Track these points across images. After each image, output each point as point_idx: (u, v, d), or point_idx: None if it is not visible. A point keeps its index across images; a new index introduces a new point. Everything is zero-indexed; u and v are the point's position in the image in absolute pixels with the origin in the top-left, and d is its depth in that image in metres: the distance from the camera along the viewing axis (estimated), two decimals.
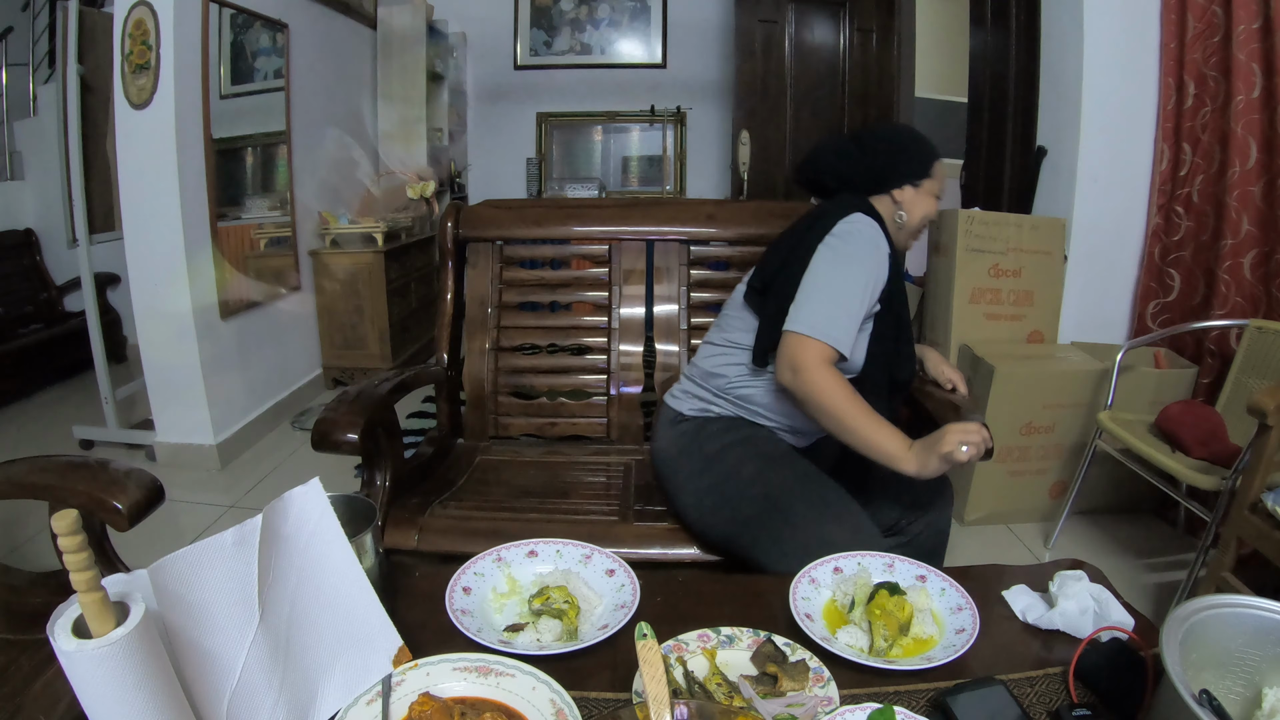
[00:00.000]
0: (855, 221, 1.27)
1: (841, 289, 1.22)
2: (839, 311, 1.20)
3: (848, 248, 1.24)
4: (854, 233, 1.26)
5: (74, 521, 0.54)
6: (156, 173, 2.40)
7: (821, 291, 1.22)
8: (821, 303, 1.21)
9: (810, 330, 1.18)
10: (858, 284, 1.22)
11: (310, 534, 0.74)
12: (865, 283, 1.23)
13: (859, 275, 1.23)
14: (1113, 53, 2.26)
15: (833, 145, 1.40)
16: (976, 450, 1.08)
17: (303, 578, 0.73)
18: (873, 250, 1.25)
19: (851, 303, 1.21)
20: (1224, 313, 2.10)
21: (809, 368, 1.17)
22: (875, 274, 1.25)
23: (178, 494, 2.36)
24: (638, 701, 0.74)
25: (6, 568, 1.09)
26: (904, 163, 1.35)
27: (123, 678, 0.55)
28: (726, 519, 1.24)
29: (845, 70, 3.90)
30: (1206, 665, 0.74)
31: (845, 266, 1.23)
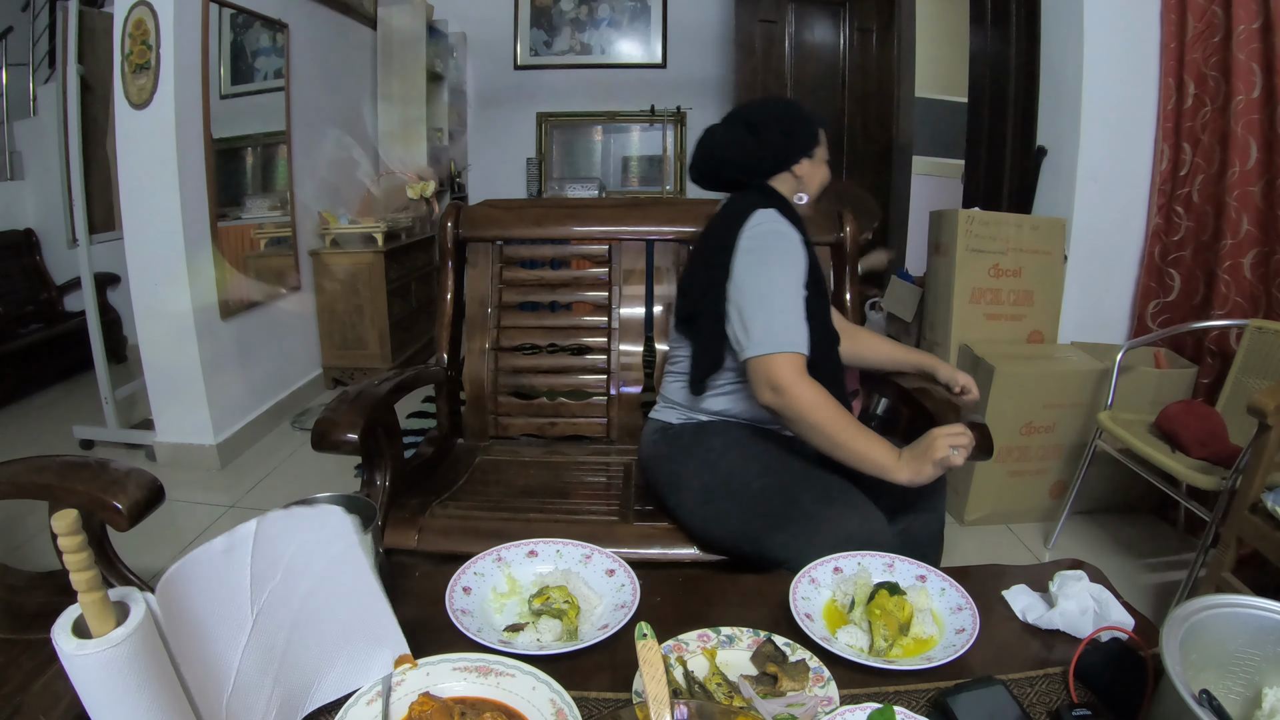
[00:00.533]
0: (759, 222, 1.28)
1: (779, 293, 1.22)
2: (788, 316, 1.21)
3: (765, 251, 1.25)
4: (764, 233, 1.26)
5: (74, 521, 0.54)
6: (156, 173, 2.39)
7: (763, 303, 1.22)
8: (769, 315, 1.21)
9: (774, 347, 1.18)
10: (790, 282, 1.24)
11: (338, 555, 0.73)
12: (795, 278, 1.25)
13: (788, 273, 1.25)
14: (1113, 53, 2.26)
15: (727, 138, 1.38)
16: (966, 451, 1.09)
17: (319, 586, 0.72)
18: (787, 243, 1.27)
19: (794, 302, 1.23)
20: (1224, 313, 2.10)
21: (789, 383, 1.17)
22: (798, 265, 1.27)
23: (178, 494, 2.36)
24: (638, 701, 0.74)
25: (6, 568, 1.09)
26: (798, 138, 1.37)
27: (123, 678, 0.55)
28: (734, 517, 1.24)
29: (845, 70, 3.90)
30: (1206, 665, 0.74)
31: (771, 270, 1.24)
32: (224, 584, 0.66)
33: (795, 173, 1.37)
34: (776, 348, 1.18)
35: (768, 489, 1.22)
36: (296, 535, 0.71)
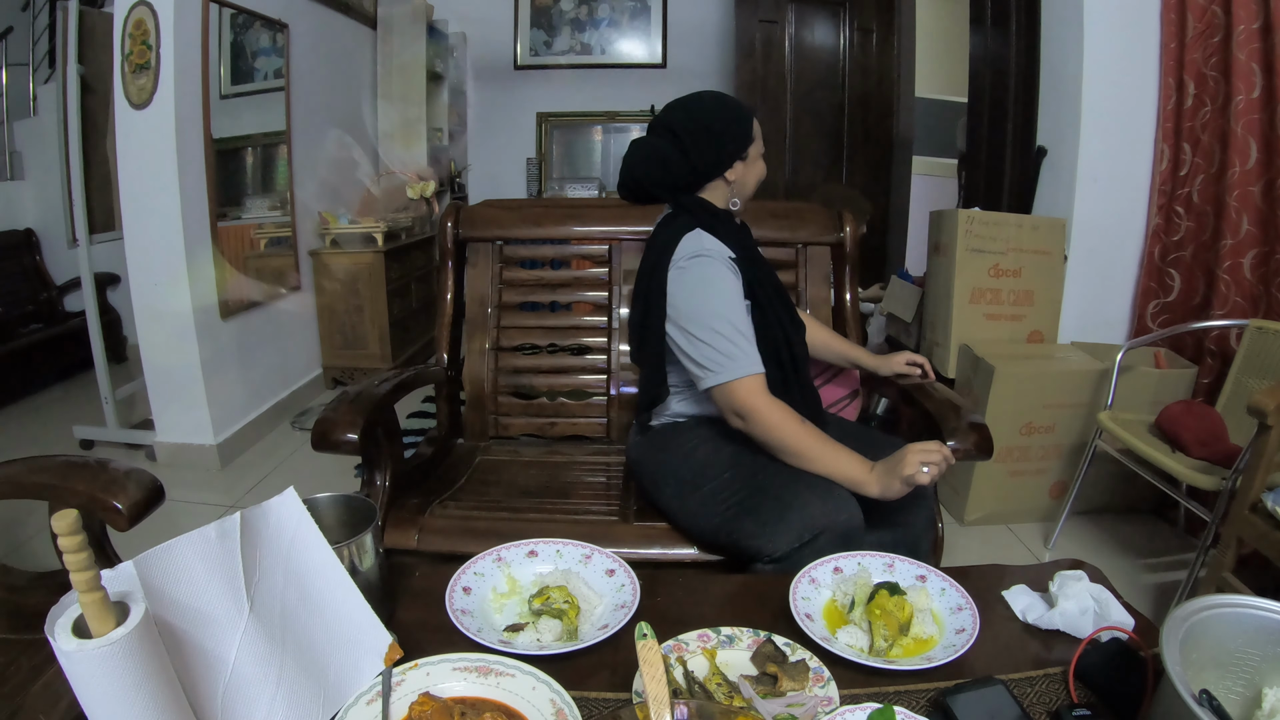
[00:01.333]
0: (683, 249, 1.26)
1: (718, 319, 1.21)
2: (733, 341, 1.21)
3: (694, 281, 1.24)
4: (690, 262, 1.25)
5: (74, 521, 0.54)
6: (156, 173, 2.39)
7: (705, 333, 1.22)
8: (715, 344, 1.21)
9: (729, 375, 1.20)
10: (727, 305, 1.23)
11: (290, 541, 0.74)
12: (730, 298, 1.24)
13: (721, 295, 1.23)
14: (1113, 53, 2.26)
15: (651, 153, 1.32)
16: (938, 470, 1.08)
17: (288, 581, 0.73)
18: (712, 266, 1.24)
19: (735, 325, 1.22)
20: (1224, 313, 2.10)
21: (753, 409, 1.19)
22: (730, 284, 1.25)
23: (178, 494, 2.36)
24: (638, 701, 0.74)
25: (6, 568, 1.08)
26: (729, 144, 1.31)
27: (123, 677, 0.55)
28: (708, 509, 1.26)
29: (845, 70, 3.90)
30: (1206, 665, 0.74)
31: (706, 297, 1.23)
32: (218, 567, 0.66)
33: (728, 178, 1.34)
34: (731, 375, 1.20)
35: (736, 479, 1.23)
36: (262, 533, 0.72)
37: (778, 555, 1.12)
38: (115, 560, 1.06)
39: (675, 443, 1.35)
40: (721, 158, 1.31)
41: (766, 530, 1.14)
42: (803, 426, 1.19)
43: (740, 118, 1.32)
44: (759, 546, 1.15)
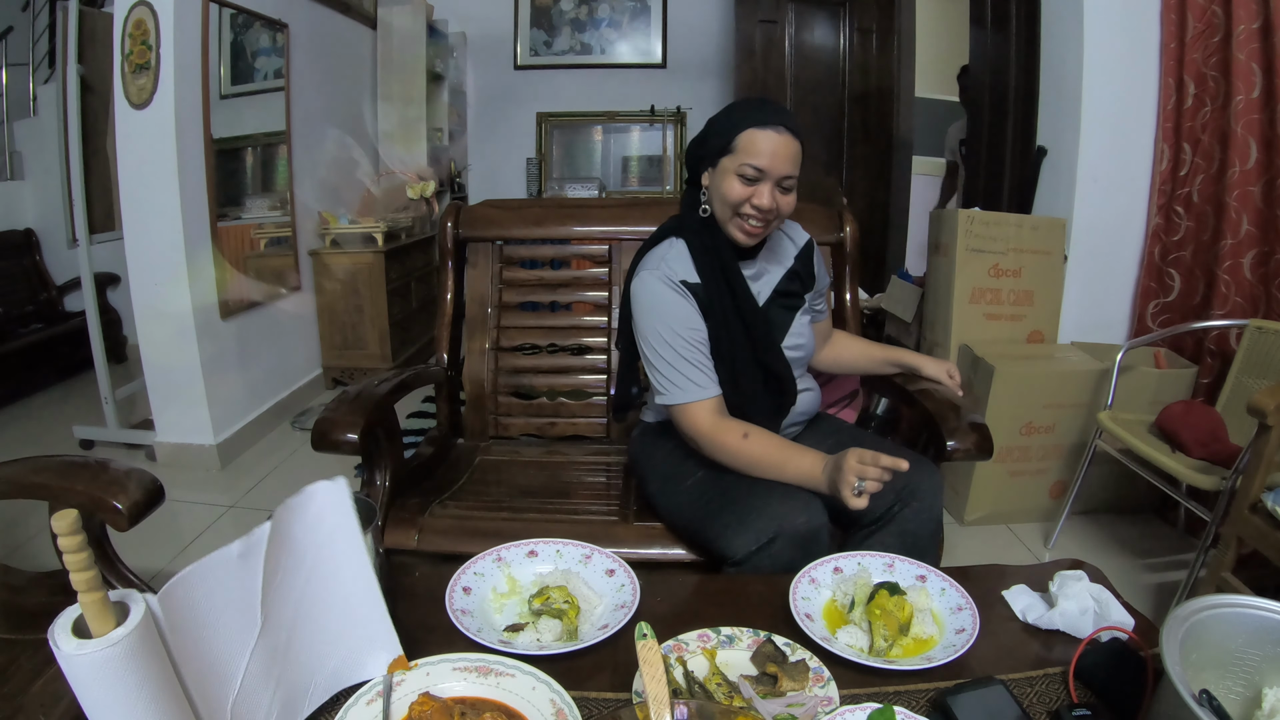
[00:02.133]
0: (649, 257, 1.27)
1: (661, 342, 1.22)
2: (677, 364, 1.21)
3: (640, 308, 1.25)
4: (642, 275, 1.25)
5: (74, 521, 0.54)
6: (156, 173, 2.39)
7: (653, 353, 1.23)
8: (666, 369, 1.22)
9: (680, 399, 1.21)
10: (669, 330, 1.21)
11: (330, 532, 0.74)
12: (674, 323, 1.22)
13: (664, 319, 1.22)
14: (1113, 53, 2.26)
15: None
16: (876, 487, 1.05)
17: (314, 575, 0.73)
18: (656, 286, 1.23)
19: (680, 349, 1.21)
20: (1224, 313, 2.10)
21: (700, 434, 1.21)
22: (675, 308, 1.22)
23: (178, 494, 2.36)
24: (638, 701, 0.74)
25: (6, 568, 1.09)
26: (702, 143, 1.25)
27: (123, 678, 0.55)
28: (682, 507, 1.27)
29: (845, 70, 3.90)
30: (1206, 665, 0.74)
31: (651, 316, 1.23)
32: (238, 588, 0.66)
33: (702, 182, 1.28)
34: (682, 399, 1.21)
35: (705, 480, 1.24)
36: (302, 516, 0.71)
37: (738, 558, 1.11)
38: (115, 560, 1.06)
39: (664, 440, 1.36)
40: (698, 157, 1.27)
41: (728, 533, 1.13)
42: (751, 445, 1.18)
43: (725, 124, 1.22)
44: (722, 549, 1.14)
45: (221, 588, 0.65)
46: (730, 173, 1.20)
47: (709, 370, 1.24)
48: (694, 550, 1.28)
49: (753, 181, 1.19)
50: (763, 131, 1.17)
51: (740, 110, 1.22)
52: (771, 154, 1.17)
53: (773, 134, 1.17)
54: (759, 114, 1.19)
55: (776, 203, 1.20)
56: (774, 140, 1.17)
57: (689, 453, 1.29)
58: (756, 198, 1.19)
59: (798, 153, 1.20)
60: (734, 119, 1.21)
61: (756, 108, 1.21)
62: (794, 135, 1.19)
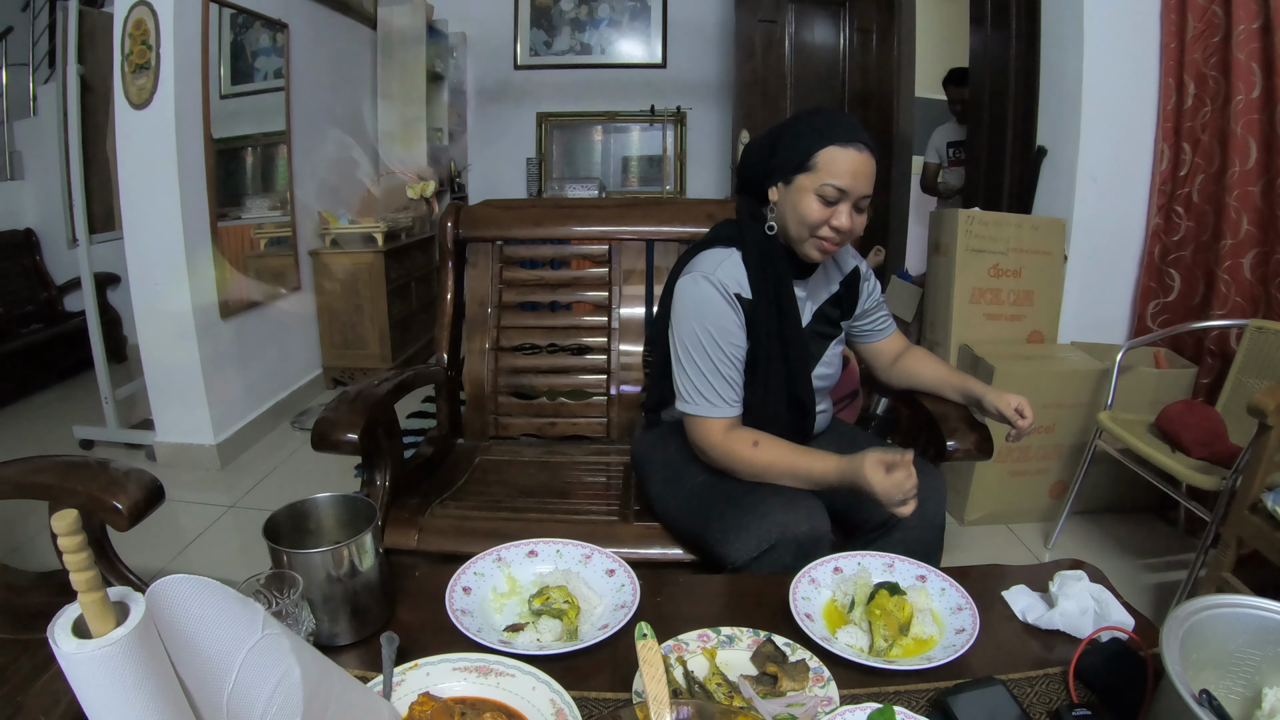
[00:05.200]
0: (701, 261, 1.22)
1: (693, 357, 1.18)
2: (708, 380, 1.18)
3: (691, 298, 1.20)
4: (694, 280, 1.19)
5: (74, 521, 0.53)
6: (156, 173, 2.39)
7: (680, 363, 1.20)
8: (691, 378, 1.19)
9: (695, 409, 1.19)
10: (710, 341, 1.18)
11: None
12: (718, 335, 1.18)
13: (707, 330, 1.18)
14: (1113, 53, 2.26)
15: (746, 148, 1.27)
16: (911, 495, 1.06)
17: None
18: (708, 307, 1.18)
19: (707, 367, 1.18)
20: (1224, 313, 2.10)
21: (708, 446, 1.20)
22: (724, 319, 1.18)
23: (178, 494, 2.36)
24: (638, 701, 0.74)
25: (6, 568, 1.09)
26: (774, 156, 1.17)
27: (123, 678, 0.55)
28: (683, 511, 1.26)
29: (845, 70, 3.90)
30: (1206, 665, 0.74)
31: (694, 322, 1.18)
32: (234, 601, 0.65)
33: (769, 196, 1.20)
34: (696, 410, 1.19)
35: (708, 484, 1.23)
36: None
37: (739, 563, 1.10)
38: (115, 560, 1.06)
39: (669, 440, 1.35)
40: (766, 169, 1.19)
41: (729, 537, 1.12)
42: (758, 451, 1.16)
43: (803, 137, 1.14)
44: (723, 553, 1.13)
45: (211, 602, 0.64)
46: (809, 192, 1.14)
47: (738, 388, 1.21)
48: (693, 553, 1.28)
49: (833, 202, 1.14)
50: (844, 150, 1.12)
51: (818, 125, 1.15)
52: (853, 174, 1.12)
53: (854, 153, 1.12)
54: (840, 131, 1.13)
55: (853, 223, 1.16)
56: (855, 159, 1.12)
57: (693, 455, 1.28)
58: (835, 218, 1.14)
59: (874, 171, 1.16)
60: (813, 134, 1.14)
61: (835, 123, 1.14)
62: (871, 153, 1.15)
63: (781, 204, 1.19)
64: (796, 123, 1.19)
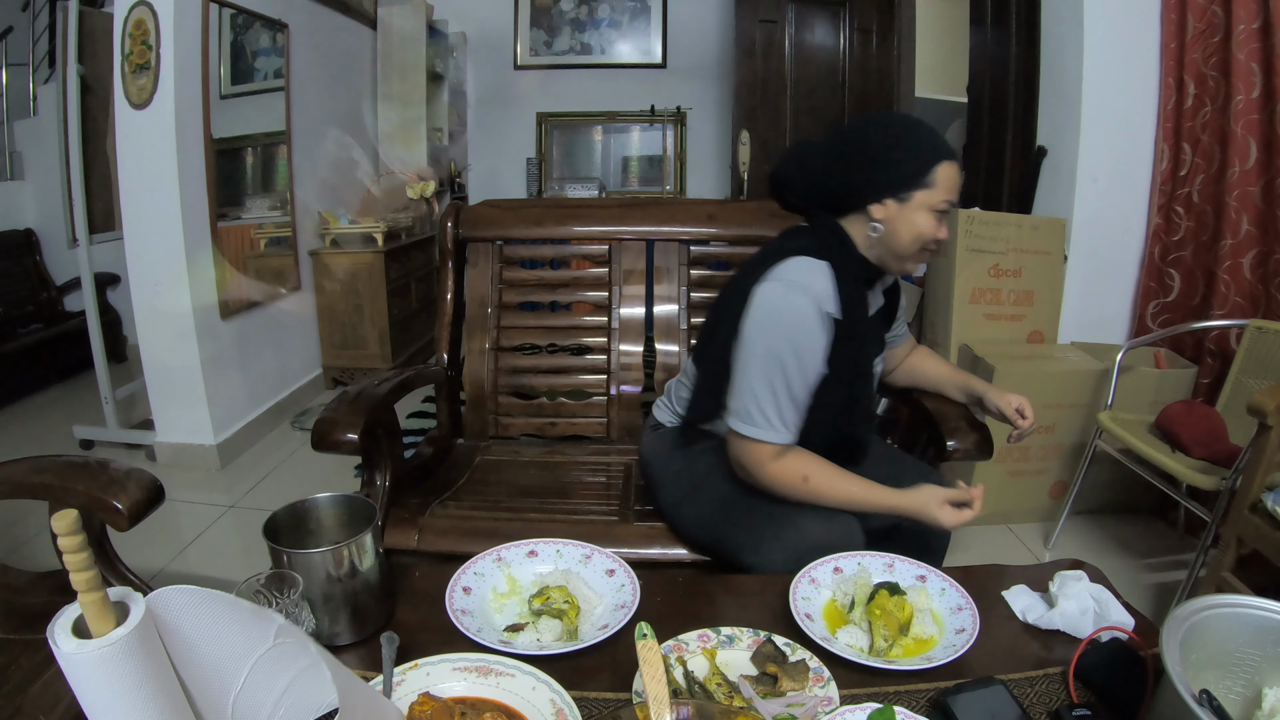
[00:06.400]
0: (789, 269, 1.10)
1: (768, 375, 1.08)
2: (770, 403, 1.09)
3: (778, 310, 1.08)
4: (786, 290, 1.09)
5: (74, 521, 0.53)
6: (156, 173, 2.39)
7: (748, 377, 1.10)
8: (752, 393, 1.09)
9: (748, 430, 1.10)
10: (786, 367, 1.08)
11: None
12: (795, 363, 1.08)
13: (786, 357, 1.08)
14: (1113, 53, 2.26)
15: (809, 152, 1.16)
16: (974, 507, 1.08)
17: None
18: (801, 323, 1.08)
19: (782, 388, 1.08)
20: (1224, 313, 2.10)
21: (755, 470, 1.13)
22: (813, 340, 1.09)
23: (178, 494, 2.36)
24: (638, 701, 0.74)
25: (6, 568, 1.08)
26: (883, 169, 1.09)
27: (122, 678, 0.55)
28: (705, 518, 1.24)
29: (845, 70, 3.90)
30: (1206, 665, 0.74)
31: (768, 347, 1.08)
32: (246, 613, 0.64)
33: (872, 214, 1.11)
34: (750, 431, 1.11)
35: (734, 491, 1.19)
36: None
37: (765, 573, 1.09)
38: (115, 560, 1.06)
39: (683, 444, 1.31)
40: (869, 184, 1.10)
41: (762, 547, 1.11)
42: (806, 485, 1.11)
43: (917, 149, 1.09)
44: (754, 563, 1.12)
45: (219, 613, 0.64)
46: (926, 209, 1.09)
47: (802, 414, 1.13)
48: (706, 554, 1.27)
49: (943, 216, 1.12)
50: (952, 165, 1.10)
51: (933, 140, 1.11)
52: (957, 188, 1.11)
53: (956, 166, 1.11)
54: (947, 145, 1.11)
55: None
56: (957, 172, 1.11)
57: (712, 462, 1.24)
58: (940, 232, 1.12)
59: None
60: (932, 149, 1.09)
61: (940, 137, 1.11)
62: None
63: (892, 220, 1.11)
64: (905, 136, 1.11)
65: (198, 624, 0.61)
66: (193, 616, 0.61)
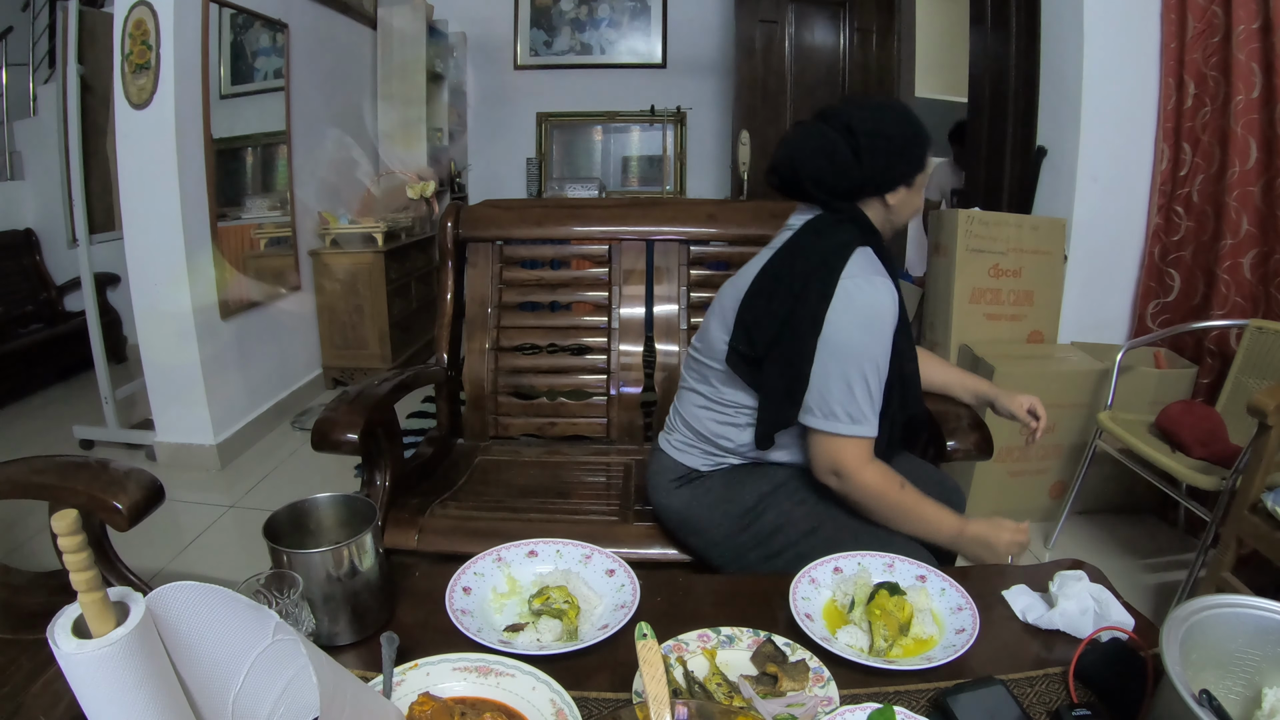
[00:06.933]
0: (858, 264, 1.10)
1: (861, 369, 1.07)
2: (865, 396, 1.08)
3: (864, 306, 1.08)
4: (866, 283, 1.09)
5: (74, 521, 0.53)
6: (156, 173, 2.40)
7: (842, 376, 1.07)
8: (847, 390, 1.07)
9: (845, 429, 1.08)
10: (877, 359, 1.08)
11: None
12: (883, 355, 1.09)
13: (876, 350, 1.08)
14: (1113, 53, 2.26)
15: (822, 145, 1.14)
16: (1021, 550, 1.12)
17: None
18: (887, 312, 1.09)
19: (874, 381, 1.08)
20: (1224, 313, 2.10)
21: (852, 471, 1.09)
22: (888, 340, 1.10)
23: (178, 494, 2.36)
24: (638, 701, 0.74)
25: (6, 568, 1.09)
26: (902, 163, 1.14)
27: (122, 678, 0.55)
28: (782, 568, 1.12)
29: (845, 70, 3.90)
30: (1206, 665, 0.74)
31: (865, 332, 1.08)
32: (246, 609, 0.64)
33: (888, 200, 1.16)
34: (847, 429, 1.08)
35: (815, 548, 1.11)
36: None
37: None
38: (115, 560, 1.06)
39: (733, 497, 1.20)
40: (891, 174, 1.14)
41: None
42: (902, 493, 1.10)
43: (921, 139, 1.16)
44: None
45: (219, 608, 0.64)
46: (920, 189, 1.19)
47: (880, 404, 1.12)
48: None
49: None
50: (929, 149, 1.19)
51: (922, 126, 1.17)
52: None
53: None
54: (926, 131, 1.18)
55: None
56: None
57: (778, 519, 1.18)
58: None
59: None
60: (923, 131, 1.16)
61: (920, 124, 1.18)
62: None
63: (902, 205, 1.18)
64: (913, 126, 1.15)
65: (197, 622, 0.61)
66: (192, 614, 0.61)
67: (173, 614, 0.60)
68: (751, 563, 1.19)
